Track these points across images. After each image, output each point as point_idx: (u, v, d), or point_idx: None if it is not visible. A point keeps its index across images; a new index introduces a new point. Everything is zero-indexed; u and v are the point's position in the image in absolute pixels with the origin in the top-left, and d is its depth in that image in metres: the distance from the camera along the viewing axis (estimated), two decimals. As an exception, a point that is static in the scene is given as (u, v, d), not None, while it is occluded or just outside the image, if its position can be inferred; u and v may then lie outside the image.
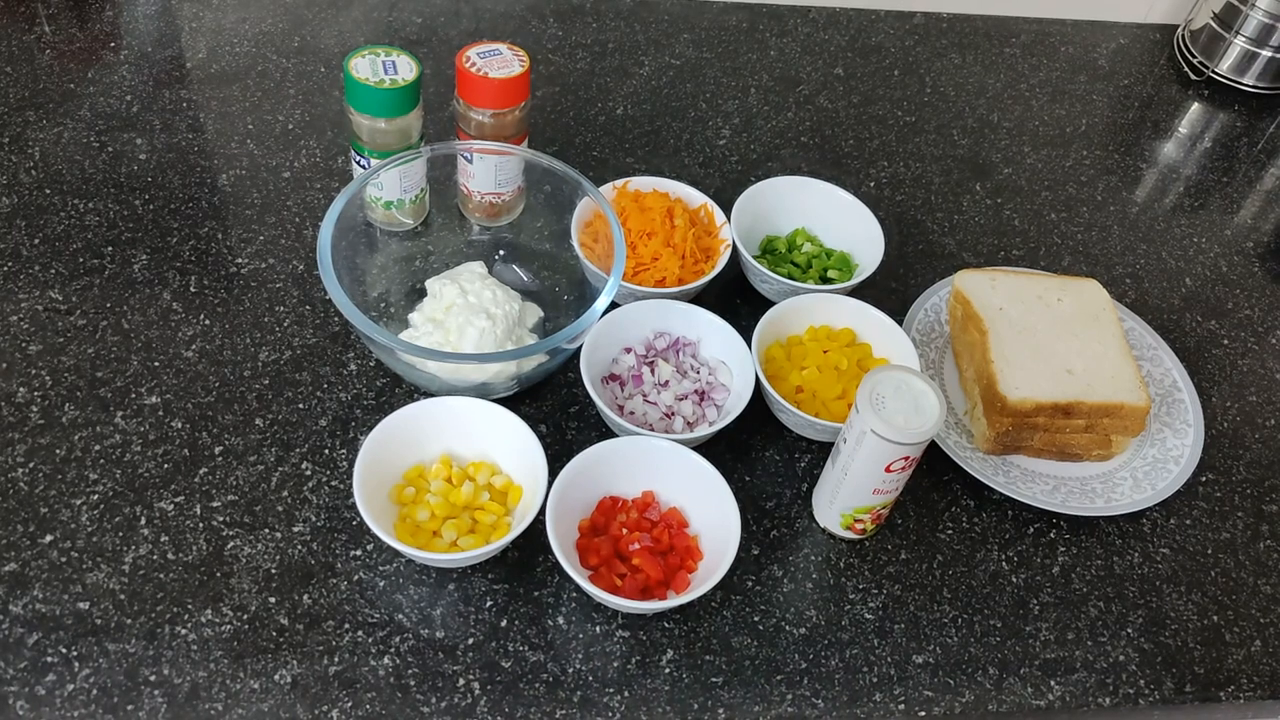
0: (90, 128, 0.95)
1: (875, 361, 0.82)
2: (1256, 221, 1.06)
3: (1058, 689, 0.69)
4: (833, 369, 0.79)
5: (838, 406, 0.78)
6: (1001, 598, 0.73)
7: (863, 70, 1.15)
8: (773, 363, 0.81)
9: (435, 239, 0.88)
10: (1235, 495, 0.81)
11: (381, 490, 0.70)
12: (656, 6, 1.18)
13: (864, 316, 0.83)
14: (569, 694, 0.65)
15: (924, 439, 0.66)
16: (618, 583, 0.68)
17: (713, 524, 0.70)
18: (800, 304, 0.83)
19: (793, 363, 0.81)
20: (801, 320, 0.83)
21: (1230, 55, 1.17)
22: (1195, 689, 0.70)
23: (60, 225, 0.86)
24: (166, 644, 0.65)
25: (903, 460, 0.67)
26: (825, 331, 0.83)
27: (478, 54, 0.82)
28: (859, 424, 0.67)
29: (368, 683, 0.64)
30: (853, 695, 0.67)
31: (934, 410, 0.66)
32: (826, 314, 0.83)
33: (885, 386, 0.67)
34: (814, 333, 0.83)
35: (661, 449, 0.71)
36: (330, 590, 0.68)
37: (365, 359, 0.80)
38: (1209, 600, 0.75)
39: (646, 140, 1.02)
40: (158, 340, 0.80)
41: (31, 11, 1.05)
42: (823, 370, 0.79)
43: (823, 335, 0.83)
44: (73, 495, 0.71)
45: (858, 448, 0.68)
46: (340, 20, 1.09)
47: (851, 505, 0.71)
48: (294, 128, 0.97)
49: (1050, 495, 0.77)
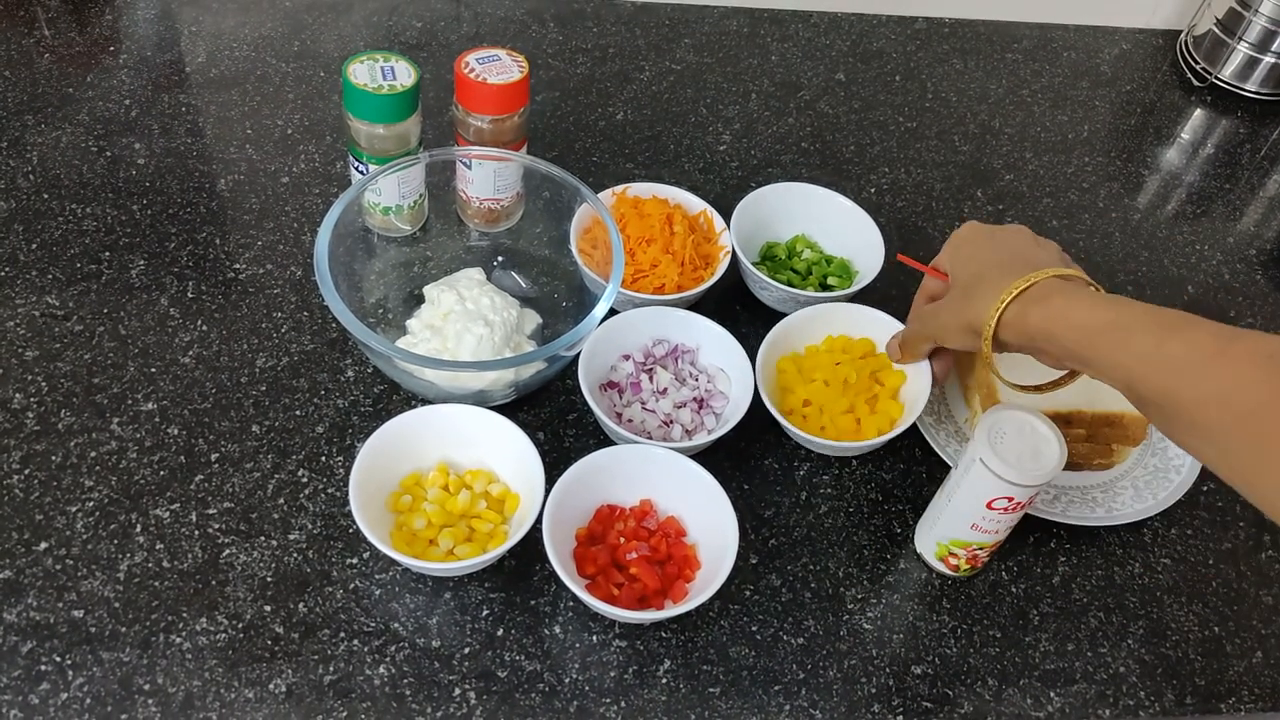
0: (89, 132, 0.94)
1: (892, 374, 0.79)
2: (1259, 229, 1.06)
3: (1057, 700, 0.69)
4: (841, 382, 0.78)
5: (845, 421, 0.77)
6: (1001, 608, 0.73)
7: (864, 75, 1.14)
8: (784, 374, 0.80)
9: (433, 245, 0.87)
10: (1237, 505, 0.81)
11: (378, 498, 0.70)
12: (657, 11, 1.17)
13: (885, 328, 0.81)
14: (565, 704, 0.65)
15: (1031, 483, 0.64)
16: (615, 592, 0.67)
17: (711, 533, 0.70)
18: (817, 314, 0.82)
19: (803, 375, 0.79)
20: (818, 330, 0.82)
21: (1233, 61, 1.16)
22: (1196, 700, 0.70)
23: (58, 230, 0.86)
24: (161, 653, 0.64)
25: (1006, 500, 0.66)
26: (843, 342, 0.82)
27: (476, 59, 0.81)
28: (970, 451, 0.66)
29: (363, 692, 0.64)
30: (851, 706, 0.67)
31: (1052, 459, 0.65)
32: (845, 323, 0.82)
33: (1009, 424, 0.66)
34: (830, 343, 0.82)
35: (659, 457, 0.71)
36: (326, 599, 0.68)
37: (363, 365, 0.80)
38: (1210, 611, 0.75)
39: (646, 146, 1.02)
40: (155, 346, 0.79)
41: (31, 15, 1.05)
42: (830, 384, 0.78)
43: (839, 346, 0.81)
44: (68, 502, 0.70)
45: (964, 475, 0.67)
46: (340, 25, 1.09)
47: (948, 536, 0.71)
48: (293, 133, 0.97)
49: (1051, 505, 0.76)
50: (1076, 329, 0.62)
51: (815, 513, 0.76)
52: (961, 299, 0.70)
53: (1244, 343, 0.55)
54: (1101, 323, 0.61)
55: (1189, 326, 0.58)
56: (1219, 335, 0.56)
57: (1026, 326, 0.64)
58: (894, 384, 0.79)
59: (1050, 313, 0.63)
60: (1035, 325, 0.64)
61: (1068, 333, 0.62)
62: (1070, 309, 0.62)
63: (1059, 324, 0.63)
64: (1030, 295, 0.64)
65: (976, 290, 0.68)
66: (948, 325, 0.71)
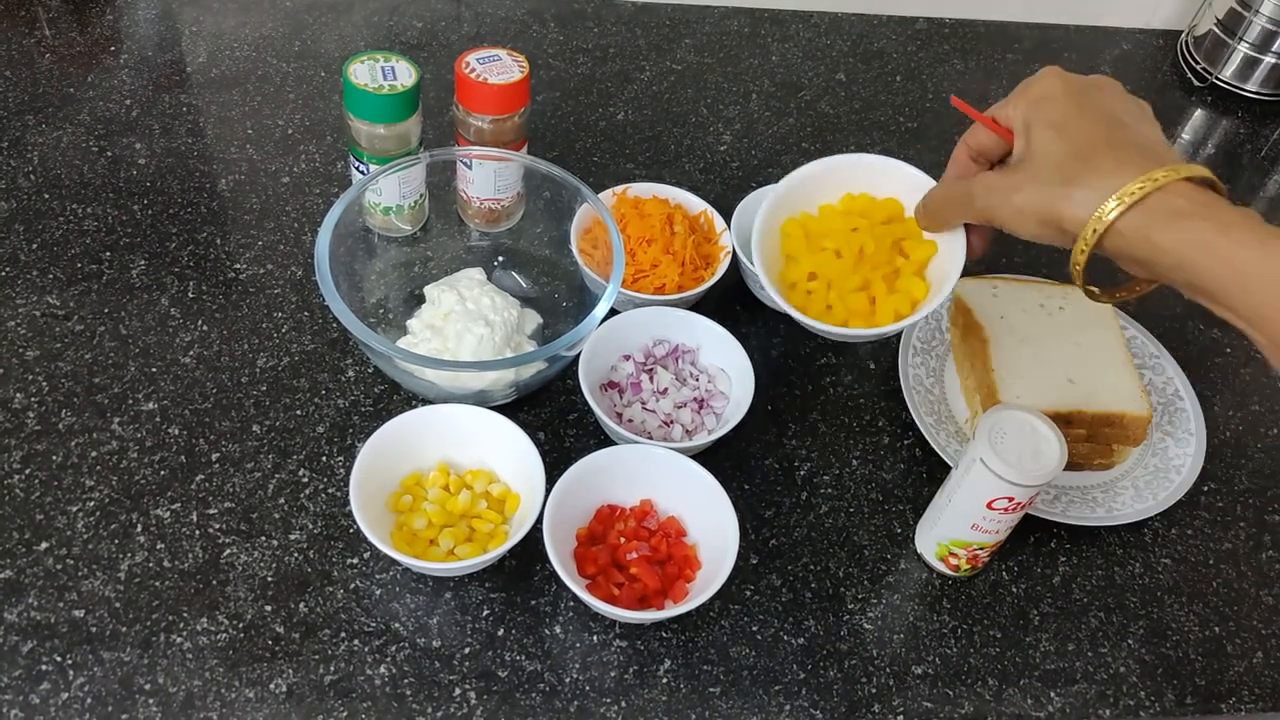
0: (89, 132, 0.94)
1: (920, 245, 0.66)
2: (1259, 229, 1.06)
3: (1058, 700, 0.69)
4: (856, 252, 0.65)
5: (857, 301, 0.65)
6: (1001, 608, 0.73)
7: (865, 76, 1.14)
8: (789, 239, 0.67)
9: (434, 245, 0.87)
10: (1237, 505, 0.81)
11: (378, 498, 0.70)
12: (657, 11, 1.17)
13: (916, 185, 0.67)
14: (566, 704, 0.65)
15: (1032, 483, 0.64)
16: (615, 592, 0.67)
17: (711, 533, 0.70)
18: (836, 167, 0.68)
19: (811, 242, 0.67)
20: (836, 187, 0.69)
21: (1233, 62, 1.16)
22: (1196, 701, 0.70)
23: (58, 230, 0.86)
24: (161, 652, 0.64)
25: (1006, 500, 0.66)
26: (864, 202, 0.68)
27: (477, 59, 0.81)
28: (971, 451, 0.66)
29: (364, 692, 0.64)
30: (851, 706, 0.67)
31: (1052, 459, 0.64)
32: (869, 179, 0.68)
33: (1009, 424, 0.66)
34: (850, 202, 0.68)
35: (660, 457, 0.71)
36: (326, 599, 0.68)
37: (363, 365, 0.80)
38: (1210, 611, 0.75)
39: (647, 146, 1.02)
40: (155, 346, 0.79)
41: (32, 15, 1.05)
42: (843, 254, 0.65)
43: (858, 207, 0.68)
44: (69, 502, 0.70)
45: (965, 475, 0.67)
46: (341, 25, 1.09)
47: (949, 536, 0.71)
48: (293, 133, 0.97)
49: (1051, 505, 0.76)
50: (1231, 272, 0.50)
51: (815, 513, 0.76)
52: (1055, 181, 0.55)
53: None
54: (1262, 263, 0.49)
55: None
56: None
57: (1150, 243, 0.52)
58: (921, 257, 0.66)
59: (1191, 239, 0.51)
60: (1166, 246, 0.51)
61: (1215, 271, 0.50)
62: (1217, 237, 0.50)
63: (1205, 256, 0.51)
64: (1158, 205, 0.52)
65: (1076, 174, 0.54)
66: (1023, 210, 0.56)
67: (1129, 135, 0.55)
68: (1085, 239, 0.53)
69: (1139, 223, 0.52)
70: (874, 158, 0.68)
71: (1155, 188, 0.51)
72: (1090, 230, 0.53)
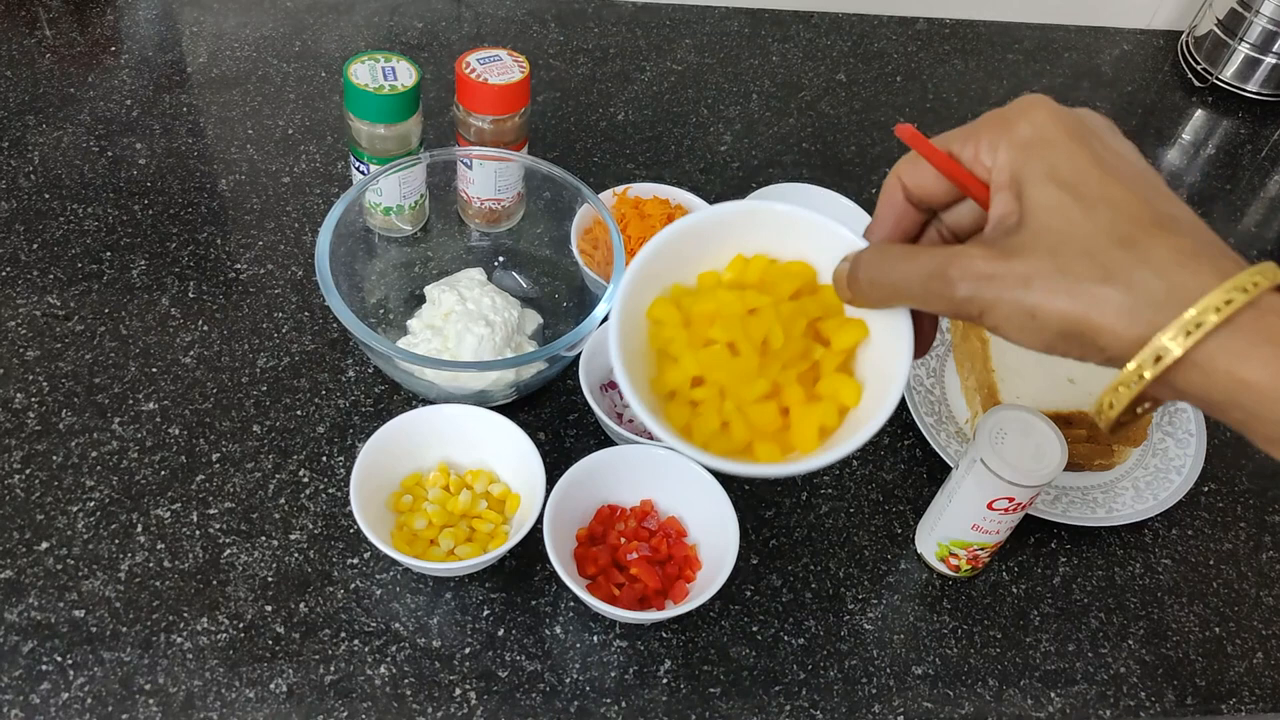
0: (90, 132, 0.94)
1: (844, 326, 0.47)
2: (1260, 229, 1.06)
3: (1058, 700, 0.69)
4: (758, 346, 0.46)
5: (762, 415, 0.46)
6: (1002, 608, 0.73)
7: (865, 76, 1.14)
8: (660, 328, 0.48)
9: (434, 245, 0.87)
10: (1238, 505, 0.81)
11: (379, 498, 0.70)
12: (658, 11, 1.17)
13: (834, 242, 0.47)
14: (566, 704, 0.65)
15: (1032, 483, 0.64)
16: (615, 592, 0.67)
17: (711, 533, 0.70)
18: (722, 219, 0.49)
19: (693, 330, 0.47)
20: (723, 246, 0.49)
21: (1234, 62, 1.16)
22: (1197, 701, 0.70)
23: (59, 230, 0.86)
24: (162, 652, 0.64)
25: (1006, 500, 0.65)
26: (760, 267, 0.48)
27: (477, 60, 0.81)
28: (971, 452, 0.66)
29: (364, 692, 0.64)
30: (851, 706, 0.67)
31: (1053, 460, 0.64)
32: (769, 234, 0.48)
33: (1011, 424, 0.66)
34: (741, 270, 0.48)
35: (660, 457, 0.71)
36: (327, 599, 0.68)
37: (364, 365, 0.80)
38: (1211, 612, 0.75)
39: (647, 146, 1.02)
40: (156, 346, 0.79)
41: (32, 15, 1.05)
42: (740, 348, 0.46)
43: (754, 276, 0.48)
44: (69, 502, 0.70)
45: (965, 476, 0.67)
46: (341, 25, 1.09)
47: (949, 536, 0.71)
48: (294, 133, 0.97)
49: (1051, 505, 0.76)
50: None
51: (816, 513, 0.76)
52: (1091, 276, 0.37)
53: None
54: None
55: None
56: None
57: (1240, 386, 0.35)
58: (846, 344, 0.47)
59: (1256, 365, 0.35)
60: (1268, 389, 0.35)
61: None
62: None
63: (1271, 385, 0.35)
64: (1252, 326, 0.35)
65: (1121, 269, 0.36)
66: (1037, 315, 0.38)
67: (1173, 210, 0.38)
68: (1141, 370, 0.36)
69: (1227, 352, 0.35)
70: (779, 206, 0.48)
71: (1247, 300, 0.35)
72: (1152, 357, 0.36)
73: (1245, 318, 0.35)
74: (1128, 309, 0.36)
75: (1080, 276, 0.37)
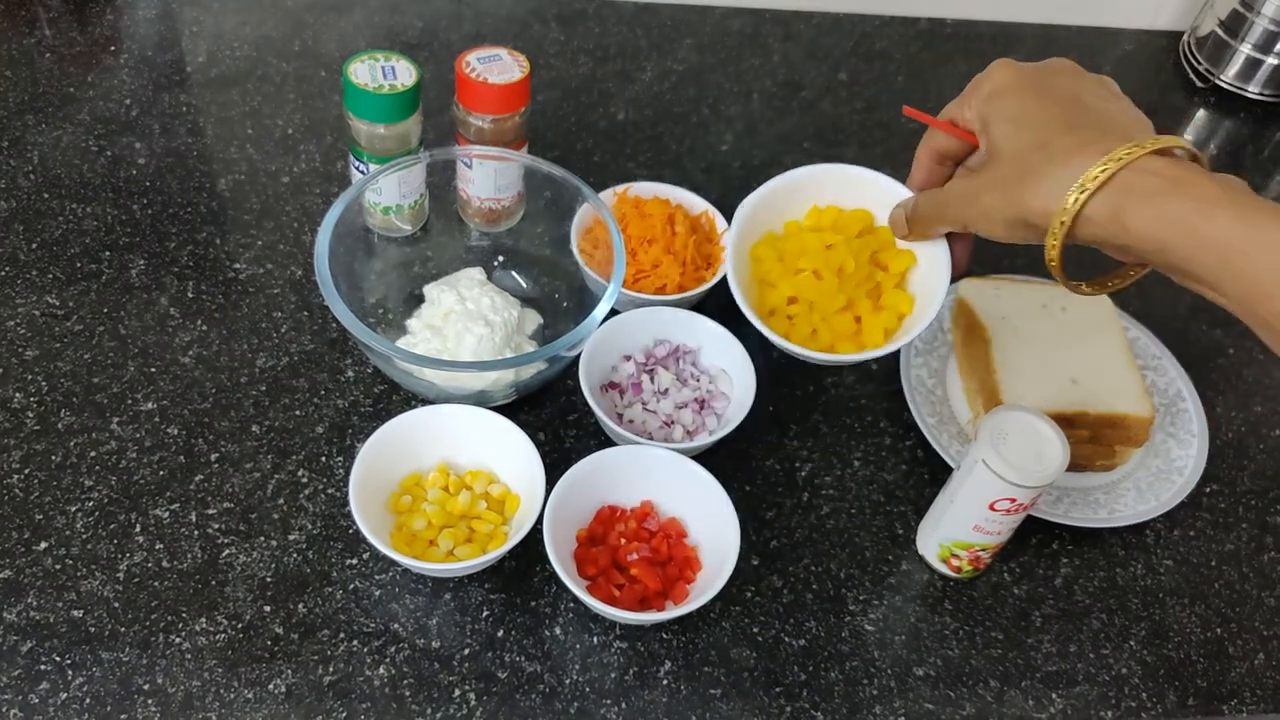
0: (89, 131, 0.94)
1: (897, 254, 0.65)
2: (1262, 229, 1.05)
3: (1059, 702, 0.69)
4: (835, 271, 0.63)
5: (842, 322, 0.63)
6: (1003, 609, 0.73)
7: (866, 76, 1.14)
8: (761, 264, 0.65)
9: (434, 245, 0.87)
10: (1240, 506, 0.81)
11: (378, 499, 0.70)
12: (659, 11, 1.17)
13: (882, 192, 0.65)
14: (566, 705, 0.65)
15: (1034, 484, 0.64)
16: (615, 593, 0.67)
17: (712, 534, 0.69)
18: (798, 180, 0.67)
19: (785, 264, 0.64)
20: (802, 201, 0.67)
21: (1236, 63, 1.16)
22: (1198, 702, 0.70)
23: (58, 229, 0.86)
24: (160, 653, 0.64)
25: (1008, 501, 0.65)
26: (832, 215, 0.66)
27: (477, 59, 0.81)
28: (973, 453, 0.66)
29: (362, 693, 0.64)
30: (853, 707, 0.67)
31: (1055, 461, 0.64)
32: (835, 191, 0.67)
33: (1012, 425, 0.65)
34: (817, 218, 0.66)
35: (660, 458, 0.71)
36: (325, 599, 0.68)
37: (363, 365, 0.80)
38: (1212, 613, 0.74)
39: (648, 146, 1.02)
40: (154, 346, 0.79)
41: (32, 15, 1.05)
42: (822, 274, 0.63)
43: (828, 221, 0.66)
44: (68, 502, 0.70)
45: (966, 477, 0.67)
46: (341, 24, 1.09)
47: (951, 538, 0.70)
48: (293, 132, 0.97)
49: (1053, 506, 0.76)
50: (1207, 246, 0.46)
51: (817, 514, 0.76)
52: (1014, 178, 0.53)
53: None
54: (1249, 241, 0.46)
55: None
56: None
57: (1123, 229, 0.49)
58: (900, 268, 0.65)
59: (1164, 216, 0.47)
60: (1140, 230, 0.48)
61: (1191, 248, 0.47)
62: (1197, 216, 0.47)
63: (1179, 235, 0.47)
64: (1127, 185, 0.49)
65: (1036, 165, 0.51)
66: (991, 212, 0.54)
67: (1089, 115, 0.52)
68: (1054, 233, 0.51)
69: (1109, 207, 0.49)
70: (839, 166, 0.66)
71: (1120, 166, 0.48)
72: (1058, 222, 0.50)
73: (1121, 179, 0.48)
74: (1043, 193, 0.51)
75: (1009, 179, 0.53)
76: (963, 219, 0.58)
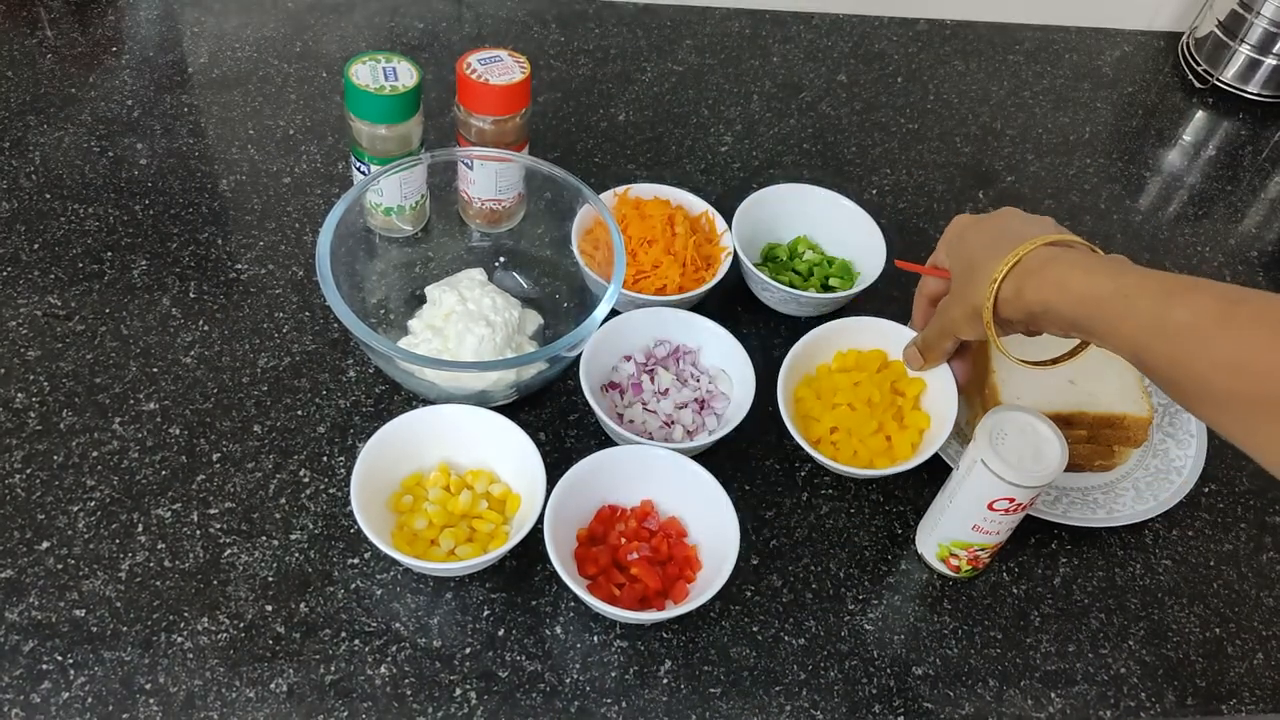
0: (91, 132, 0.94)
1: (910, 382, 0.78)
2: (1260, 230, 1.06)
3: (1058, 701, 0.69)
4: (865, 402, 0.76)
5: (876, 442, 0.75)
6: (1002, 609, 0.73)
7: (865, 77, 1.14)
8: (802, 403, 0.78)
9: (435, 245, 0.87)
10: (1238, 506, 0.81)
11: (379, 498, 0.70)
12: (659, 12, 1.17)
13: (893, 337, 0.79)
14: (566, 704, 0.65)
15: (1032, 484, 0.64)
16: (616, 592, 0.67)
17: (712, 533, 0.70)
18: (821, 334, 0.80)
19: (823, 401, 0.77)
20: (826, 348, 0.80)
21: (1235, 63, 1.16)
22: (1197, 702, 0.70)
23: (60, 230, 0.86)
24: (162, 652, 0.64)
25: (1007, 501, 0.66)
26: (854, 357, 0.80)
27: (479, 60, 0.81)
28: (971, 453, 0.66)
29: (364, 692, 0.64)
30: (852, 706, 0.67)
31: (1053, 460, 0.64)
32: (853, 337, 0.80)
33: (1010, 425, 0.66)
34: (842, 360, 0.80)
35: (661, 458, 0.71)
36: (327, 599, 0.68)
37: (364, 366, 0.80)
38: (1211, 612, 0.74)
39: (648, 147, 1.02)
40: (156, 346, 0.79)
41: (34, 15, 1.05)
42: (855, 406, 0.76)
43: (851, 362, 0.79)
44: (70, 502, 0.70)
45: (966, 477, 0.67)
46: (342, 25, 1.09)
47: (950, 537, 0.71)
48: (295, 133, 0.97)
49: (1052, 506, 0.76)
50: (1076, 299, 0.59)
51: (816, 513, 0.76)
52: (962, 287, 0.68)
53: (1251, 305, 0.52)
54: (1101, 291, 0.58)
55: (1193, 291, 0.55)
56: (1224, 298, 0.53)
57: (1024, 301, 0.62)
58: (914, 392, 0.78)
59: (1046, 284, 0.60)
60: (1033, 299, 0.61)
61: (1067, 304, 0.59)
62: (1067, 278, 0.60)
63: (1057, 295, 0.60)
64: (1024, 268, 0.62)
65: (973, 275, 0.66)
66: (957, 317, 0.69)
67: (1009, 236, 0.65)
68: (986, 319, 0.65)
69: (1013, 286, 0.63)
70: (854, 320, 0.80)
71: (1019, 257, 0.62)
72: (985, 308, 0.64)
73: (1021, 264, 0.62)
74: (976, 294, 0.65)
75: (960, 290, 0.69)
76: (949, 330, 0.71)
